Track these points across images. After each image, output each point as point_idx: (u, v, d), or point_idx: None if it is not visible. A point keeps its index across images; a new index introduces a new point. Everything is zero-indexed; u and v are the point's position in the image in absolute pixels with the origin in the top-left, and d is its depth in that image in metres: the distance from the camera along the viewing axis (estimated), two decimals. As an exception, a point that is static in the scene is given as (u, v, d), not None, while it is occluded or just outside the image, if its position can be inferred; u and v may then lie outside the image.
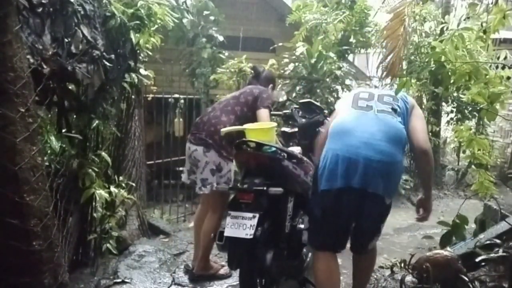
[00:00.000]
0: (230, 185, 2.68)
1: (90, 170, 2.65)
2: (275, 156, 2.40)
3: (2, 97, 1.65)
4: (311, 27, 5.65)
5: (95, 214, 2.92)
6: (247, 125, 2.65)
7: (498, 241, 2.75)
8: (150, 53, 3.28)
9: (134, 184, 3.59)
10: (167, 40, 4.70)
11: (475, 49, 3.00)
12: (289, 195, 2.44)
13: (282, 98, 4.65)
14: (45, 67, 2.07)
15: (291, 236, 2.48)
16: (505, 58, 2.94)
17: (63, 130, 2.55)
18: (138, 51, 3.08)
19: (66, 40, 2.23)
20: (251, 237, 2.11)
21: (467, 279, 2.53)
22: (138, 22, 2.82)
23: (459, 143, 6.20)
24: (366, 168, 2.07)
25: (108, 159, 2.88)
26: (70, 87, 2.49)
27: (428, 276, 2.58)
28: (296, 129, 3.09)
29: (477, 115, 6.10)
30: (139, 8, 2.81)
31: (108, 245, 2.92)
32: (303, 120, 3.08)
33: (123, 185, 3.18)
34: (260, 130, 2.58)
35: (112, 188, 2.90)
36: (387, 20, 5.48)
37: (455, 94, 5.64)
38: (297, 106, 3.23)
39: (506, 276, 2.46)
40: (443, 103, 6.55)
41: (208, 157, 2.77)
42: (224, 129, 2.71)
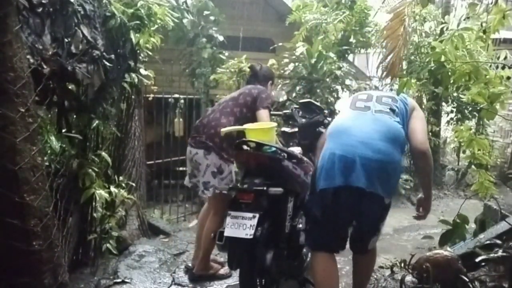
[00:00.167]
0: (230, 186, 2.68)
1: (90, 170, 2.65)
2: (275, 156, 2.40)
3: (2, 97, 1.65)
4: (311, 27, 5.65)
5: (95, 214, 2.92)
6: (247, 125, 2.66)
7: (498, 241, 2.75)
8: (150, 53, 3.28)
9: (134, 184, 3.59)
10: (167, 40, 4.69)
11: (475, 49, 2.99)
12: (289, 195, 2.44)
13: (282, 98, 4.66)
14: (45, 67, 2.07)
15: (291, 236, 2.49)
16: (505, 58, 2.94)
17: (63, 130, 2.55)
18: (138, 51, 3.08)
19: (66, 40, 2.23)
20: (251, 237, 2.11)
21: (467, 279, 2.53)
22: (138, 22, 2.82)
23: (459, 143, 6.20)
24: (363, 167, 2.06)
25: (108, 159, 2.88)
26: (70, 87, 2.49)
27: (428, 276, 2.58)
28: (296, 129, 3.08)
29: (477, 115, 6.10)
30: (139, 8, 2.81)
31: (108, 245, 2.92)
32: (303, 120, 3.07)
33: (123, 185, 3.18)
34: (260, 130, 2.58)
35: (112, 188, 2.90)
36: (387, 20, 5.48)
37: (455, 94, 5.62)
38: (297, 106, 3.23)
39: (506, 276, 2.46)
40: (443, 103, 6.55)
41: (209, 160, 2.78)
42: (224, 129, 2.71)
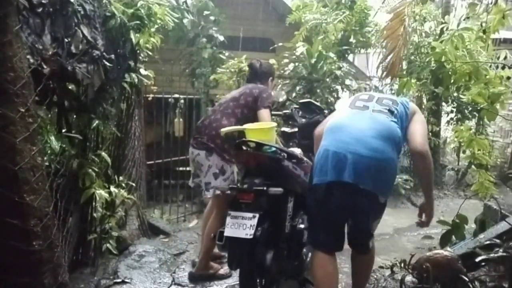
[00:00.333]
0: (230, 186, 2.68)
1: (90, 170, 2.65)
2: (275, 156, 2.40)
3: (2, 97, 1.65)
4: (311, 27, 5.66)
5: (95, 214, 2.92)
6: (247, 125, 2.66)
7: (498, 241, 2.74)
8: (150, 53, 3.28)
9: (134, 184, 3.59)
10: (167, 40, 4.70)
11: (475, 49, 3.00)
12: (289, 195, 2.44)
13: (282, 98, 4.65)
14: (45, 67, 2.06)
15: (291, 236, 2.48)
16: (505, 58, 2.94)
17: (63, 130, 2.55)
18: (138, 51, 3.09)
19: (66, 40, 2.23)
20: (251, 237, 2.11)
21: (467, 279, 2.53)
22: (138, 22, 2.82)
23: (459, 143, 6.20)
24: (356, 164, 2.07)
25: (108, 159, 2.88)
26: (70, 87, 2.49)
27: (428, 276, 2.58)
28: (296, 129, 3.08)
29: (477, 115, 6.10)
30: (139, 8, 2.81)
31: (108, 245, 2.92)
32: (303, 120, 3.07)
33: (123, 185, 3.18)
34: (260, 130, 2.58)
35: (112, 188, 2.90)
36: (387, 20, 5.51)
37: (455, 94, 5.63)
38: (297, 106, 3.23)
39: (506, 276, 2.45)
40: (443, 103, 6.55)
41: (210, 161, 2.80)
42: (224, 129, 2.72)
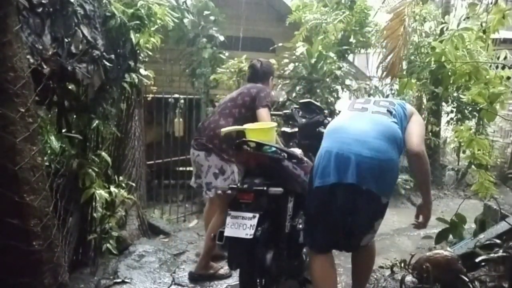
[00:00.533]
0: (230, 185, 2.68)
1: (90, 170, 2.65)
2: (275, 156, 2.40)
3: (2, 97, 1.65)
4: (311, 27, 5.66)
5: (95, 214, 2.92)
6: (247, 125, 2.66)
7: (498, 241, 2.74)
8: (150, 53, 3.28)
9: (134, 184, 3.59)
10: (167, 40, 4.69)
11: (475, 49, 3.00)
12: (289, 195, 2.44)
13: (282, 98, 4.65)
14: (45, 67, 2.06)
15: (291, 236, 2.48)
16: (505, 58, 2.94)
17: (63, 130, 2.55)
18: (138, 51, 3.08)
19: (66, 40, 2.22)
20: (251, 237, 2.10)
21: (467, 279, 2.53)
22: (138, 22, 2.82)
23: (459, 143, 6.21)
24: (358, 165, 2.06)
25: (108, 159, 2.88)
26: (70, 87, 2.49)
27: (428, 276, 2.58)
28: (296, 129, 3.08)
29: (477, 115, 6.10)
30: (139, 8, 2.81)
31: (108, 245, 2.92)
32: (303, 120, 3.07)
33: (123, 185, 3.18)
34: (260, 130, 2.58)
35: (112, 188, 2.90)
36: (387, 20, 5.51)
37: (455, 94, 5.64)
38: (297, 106, 3.22)
39: (506, 276, 2.45)
40: (443, 103, 6.55)
41: (210, 161, 2.82)
42: (224, 129, 2.72)
